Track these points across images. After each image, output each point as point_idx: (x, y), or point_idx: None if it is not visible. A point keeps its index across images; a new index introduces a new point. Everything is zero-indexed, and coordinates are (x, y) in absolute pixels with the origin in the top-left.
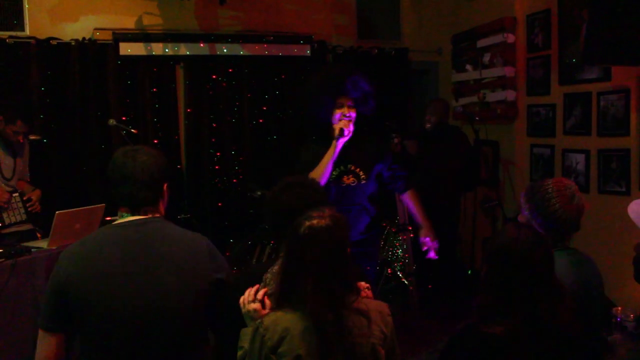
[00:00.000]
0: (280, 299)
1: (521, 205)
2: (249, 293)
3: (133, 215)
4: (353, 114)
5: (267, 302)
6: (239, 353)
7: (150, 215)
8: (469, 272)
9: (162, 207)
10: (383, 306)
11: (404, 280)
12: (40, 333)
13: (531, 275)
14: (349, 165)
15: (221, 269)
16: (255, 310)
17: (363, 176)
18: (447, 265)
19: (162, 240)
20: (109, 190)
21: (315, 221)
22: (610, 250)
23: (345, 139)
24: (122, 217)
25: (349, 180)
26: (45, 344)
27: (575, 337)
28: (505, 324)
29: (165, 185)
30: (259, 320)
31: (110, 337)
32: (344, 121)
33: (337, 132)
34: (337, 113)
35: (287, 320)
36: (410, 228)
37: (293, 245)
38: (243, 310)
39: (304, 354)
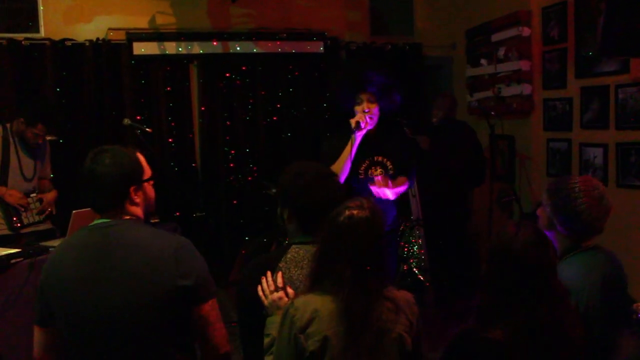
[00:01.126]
0: (313, 283)
1: (543, 200)
2: (268, 283)
3: (102, 218)
4: (375, 109)
5: (290, 290)
6: (266, 340)
7: (117, 218)
8: None
9: (133, 209)
10: (409, 295)
11: (420, 277)
12: (34, 327)
13: (531, 275)
14: (376, 157)
15: (188, 275)
16: (280, 298)
17: (391, 167)
18: (460, 260)
19: (121, 246)
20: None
21: (355, 211)
22: (629, 245)
23: (363, 132)
24: (95, 220)
25: (376, 172)
26: (37, 337)
27: (577, 340)
28: (505, 327)
29: (133, 188)
30: (289, 302)
31: (74, 337)
32: (360, 114)
33: (353, 125)
34: (357, 110)
35: (317, 302)
36: (422, 223)
37: (332, 233)
38: (266, 302)
39: (332, 335)
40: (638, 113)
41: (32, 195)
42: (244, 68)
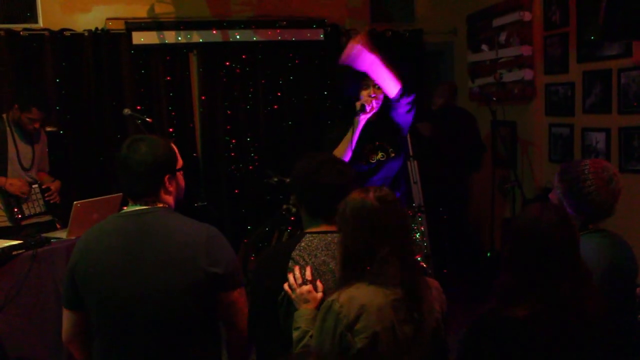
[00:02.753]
0: (350, 276)
1: (554, 183)
2: (295, 276)
3: (135, 205)
4: (380, 95)
5: (320, 285)
6: (296, 334)
7: (151, 206)
8: (488, 254)
9: (166, 198)
10: (436, 283)
11: (422, 264)
12: (63, 310)
13: (554, 255)
14: (377, 142)
15: (219, 263)
16: (308, 291)
17: (391, 150)
18: (461, 246)
19: (155, 233)
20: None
21: (378, 193)
22: (632, 229)
23: (368, 115)
24: (128, 206)
25: (378, 155)
26: (66, 319)
27: (600, 320)
28: (529, 306)
29: (167, 177)
30: (332, 298)
31: (107, 322)
32: (365, 97)
33: (358, 107)
34: (363, 94)
35: (363, 297)
36: (424, 209)
37: (359, 220)
38: (293, 295)
39: (381, 331)
40: None
41: (33, 186)
42: (244, 56)
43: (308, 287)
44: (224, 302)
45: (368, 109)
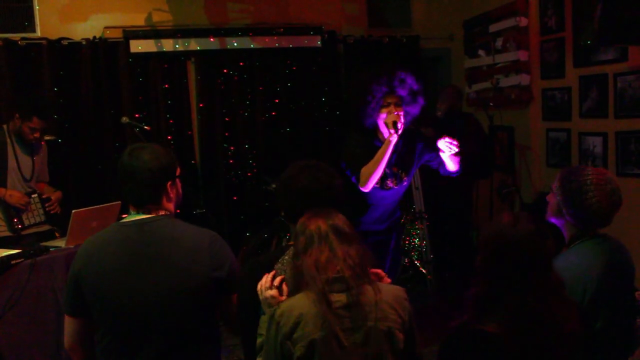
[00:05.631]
0: (295, 286)
1: (554, 188)
2: (266, 279)
3: (138, 212)
4: (401, 113)
5: (285, 288)
6: (258, 340)
7: (154, 214)
8: None
9: (168, 205)
10: (399, 290)
11: (421, 269)
12: (65, 317)
13: (525, 266)
14: (392, 168)
15: (221, 267)
16: (272, 296)
17: (404, 177)
18: (463, 252)
19: (160, 241)
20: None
21: (331, 222)
22: (629, 233)
23: (400, 131)
24: (130, 214)
25: (392, 183)
26: (68, 326)
27: (572, 333)
28: (499, 319)
29: (169, 184)
30: (274, 307)
31: (114, 327)
32: (393, 114)
33: (390, 126)
34: (384, 113)
35: (302, 306)
36: (426, 216)
37: (297, 231)
38: (260, 297)
39: (318, 338)
40: (637, 101)
41: (32, 195)
42: (241, 64)
43: (273, 291)
44: (227, 303)
45: (399, 125)
